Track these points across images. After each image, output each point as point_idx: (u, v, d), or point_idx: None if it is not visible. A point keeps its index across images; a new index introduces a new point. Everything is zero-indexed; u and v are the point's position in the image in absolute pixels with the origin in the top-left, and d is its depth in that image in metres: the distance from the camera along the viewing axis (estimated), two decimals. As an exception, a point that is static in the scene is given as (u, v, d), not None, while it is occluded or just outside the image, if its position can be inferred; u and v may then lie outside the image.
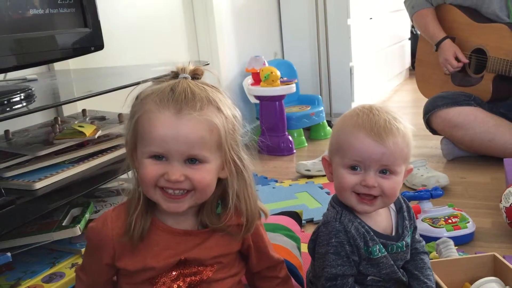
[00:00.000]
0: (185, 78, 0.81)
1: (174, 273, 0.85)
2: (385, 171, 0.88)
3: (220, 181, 0.85)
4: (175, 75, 0.82)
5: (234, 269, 0.91)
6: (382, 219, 0.95)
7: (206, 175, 0.80)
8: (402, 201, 0.99)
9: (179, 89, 0.78)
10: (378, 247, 0.91)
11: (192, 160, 0.79)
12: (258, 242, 0.93)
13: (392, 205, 0.98)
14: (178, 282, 0.85)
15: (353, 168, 0.89)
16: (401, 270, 0.96)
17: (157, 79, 0.83)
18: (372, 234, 0.92)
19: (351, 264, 0.90)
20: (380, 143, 0.86)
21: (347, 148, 0.88)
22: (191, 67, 0.83)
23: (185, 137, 0.76)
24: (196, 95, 0.78)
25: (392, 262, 0.93)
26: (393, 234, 0.95)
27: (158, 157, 0.78)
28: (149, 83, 0.84)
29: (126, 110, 0.85)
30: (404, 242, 0.94)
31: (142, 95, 0.80)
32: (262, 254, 0.94)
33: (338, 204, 0.95)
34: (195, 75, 0.83)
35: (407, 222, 0.97)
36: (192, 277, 0.86)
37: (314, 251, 0.97)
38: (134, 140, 0.81)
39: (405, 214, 0.97)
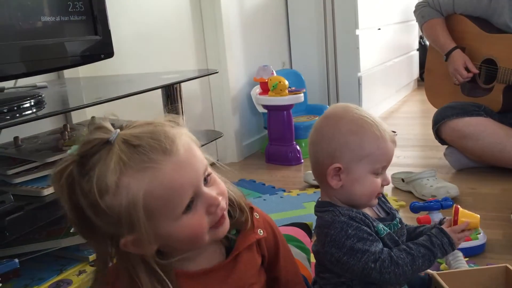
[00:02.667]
0: (117, 134, 0.68)
1: None
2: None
3: None
4: (101, 142, 0.68)
5: (262, 278, 0.88)
6: (368, 210, 0.99)
7: (220, 183, 0.77)
8: None
9: (137, 142, 0.67)
10: (381, 226, 0.94)
11: (206, 179, 0.73)
12: (272, 244, 0.90)
13: None
14: None
15: (377, 172, 0.94)
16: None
17: (83, 160, 0.68)
18: (371, 217, 0.95)
19: (376, 238, 0.91)
20: (395, 146, 0.95)
21: (379, 155, 0.93)
22: (106, 123, 0.70)
23: (195, 161, 0.71)
24: (154, 132, 0.69)
25: (396, 238, 0.95)
26: (383, 216, 0.99)
27: (189, 206, 0.70)
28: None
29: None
30: (397, 219, 0.99)
31: (110, 185, 0.65)
32: (274, 256, 0.91)
33: (327, 206, 0.95)
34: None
35: (388, 204, 1.02)
36: None
37: (332, 262, 0.94)
38: (150, 224, 0.68)
39: (382, 199, 1.02)
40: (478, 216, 0.98)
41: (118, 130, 0.69)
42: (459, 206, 0.98)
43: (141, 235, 0.68)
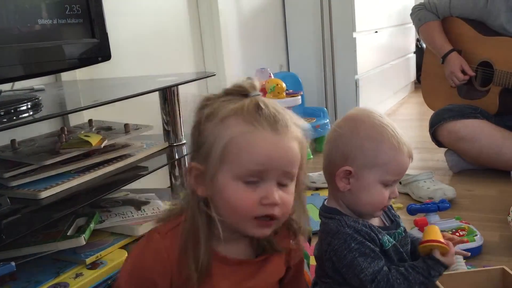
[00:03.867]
0: (258, 95, 0.77)
1: None
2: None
3: None
4: (243, 92, 0.78)
5: None
6: (373, 218, 0.98)
7: (291, 198, 0.78)
8: None
9: (263, 107, 0.75)
10: (386, 238, 0.93)
11: (283, 184, 0.76)
12: (297, 258, 0.93)
13: None
14: None
15: (387, 184, 0.93)
16: (409, 254, 0.98)
17: (223, 96, 0.79)
18: (377, 227, 0.94)
19: (378, 255, 0.91)
20: (411, 161, 0.94)
21: (393, 167, 0.91)
22: (257, 84, 0.79)
23: (285, 154, 0.75)
24: (280, 113, 0.76)
25: (401, 249, 0.95)
26: (388, 225, 0.98)
27: (251, 182, 0.74)
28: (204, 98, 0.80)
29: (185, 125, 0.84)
30: (402, 227, 0.98)
31: (220, 115, 0.75)
32: (298, 271, 0.94)
33: (334, 213, 0.95)
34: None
35: (392, 211, 1.01)
36: None
37: (333, 270, 0.95)
38: (219, 164, 0.75)
39: (388, 205, 1.01)
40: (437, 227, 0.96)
41: (261, 94, 0.78)
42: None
43: (206, 169, 0.76)
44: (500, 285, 1.10)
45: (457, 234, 1.41)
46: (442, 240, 0.91)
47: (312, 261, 1.23)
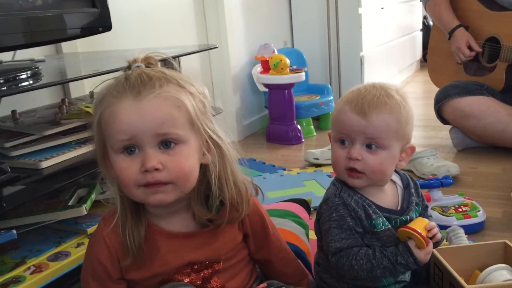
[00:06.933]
0: (138, 66, 0.77)
1: (185, 271, 0.84)
2: (371, 145, 0.90)
3: (203, 169, 0.81)
4: (128, 67, 0.78)
5: (244, 251, 0.91)
6: (386, 196, 0.96)
7: (184, 160, 0.75)
8: (410, 179, 0.99)
9: (133, 76, 0.75)
10: (381, 220, 0.91)
11: (167, 144, 0.74)
12: (258, 227, 0.91)
13: (400, 182, 0.99)
14: (191, 277, 0.84)
15: (342, 142, 0.92)
16: None
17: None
18: (375, 207, 0.92)
19: (355, 236, 0.90)
20: (362, 117, 0.88)
21: (335, 122, 0.93)
22: (142, 56, 0.80)
23: (151, 116, 0.73)
24: (152, 76, 0.75)
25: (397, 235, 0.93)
26: (398, 209, 0.96)
27: (129, 150, 0.74)
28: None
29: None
30: (408, 216, 0.94)
31: (100, 95, 0.77)
32: (263, 240, 0.92)
33: (338, 181, 0.96)
34: (148, 63, 0.79)
35: (414, 198, 0.97)
36: (204, 271, 0.85)
37: (320, 231, 0.96)
38: (103, 143, 0.77)
39: (412, 190, 0.98)
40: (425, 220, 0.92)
41: (139, 64, 0.78)
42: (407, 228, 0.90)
43: (97, 151, 0.81)
44: (502, 259, 1.09)
45: (460, 209, 1.40)
46: (424, 234, 0.88)
47: (312, 235, 1.23)
